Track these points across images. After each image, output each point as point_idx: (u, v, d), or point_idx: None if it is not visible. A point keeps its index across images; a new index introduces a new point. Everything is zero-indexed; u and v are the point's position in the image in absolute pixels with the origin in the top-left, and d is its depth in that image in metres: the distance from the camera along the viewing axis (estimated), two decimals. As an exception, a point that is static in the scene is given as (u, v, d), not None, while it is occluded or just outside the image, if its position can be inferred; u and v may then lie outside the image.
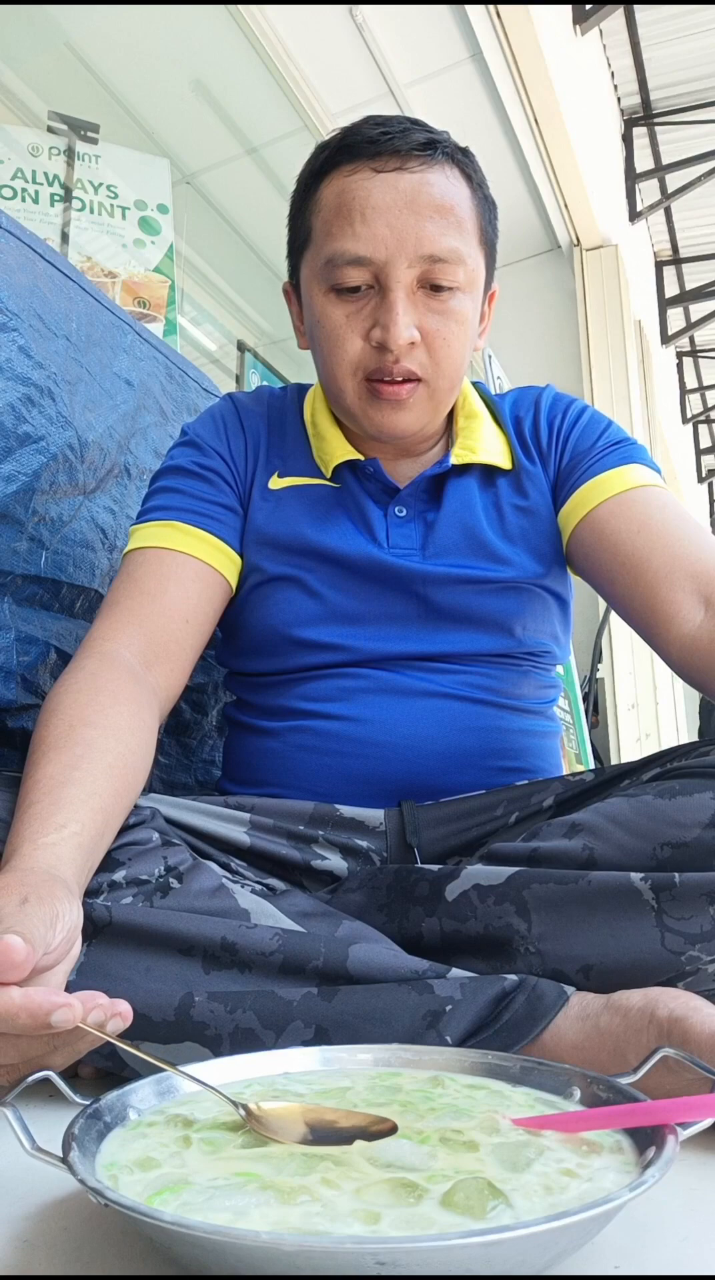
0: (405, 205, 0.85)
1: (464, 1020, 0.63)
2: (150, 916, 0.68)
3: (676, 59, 4.02)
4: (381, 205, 0.85)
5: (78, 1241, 0.46)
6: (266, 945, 0.67)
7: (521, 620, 0.94)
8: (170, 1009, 0.66)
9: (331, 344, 0.89)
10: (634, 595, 0.88)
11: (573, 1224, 0.36)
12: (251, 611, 0.95)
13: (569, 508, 0.94)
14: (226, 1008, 0.65)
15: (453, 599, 0.92)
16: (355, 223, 0.86)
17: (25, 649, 0.97)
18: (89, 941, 0.67)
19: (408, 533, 0.94)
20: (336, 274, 0.87)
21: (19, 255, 1.03)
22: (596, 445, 0.96)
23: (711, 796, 0.69)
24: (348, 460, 0.96)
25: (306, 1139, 0.47)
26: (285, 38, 2.97)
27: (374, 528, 0.94)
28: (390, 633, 0.92)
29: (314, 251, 0.90)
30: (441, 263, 0.86)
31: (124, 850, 0.72)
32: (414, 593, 0.93)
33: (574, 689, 2.69)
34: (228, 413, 1.01)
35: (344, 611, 0.93)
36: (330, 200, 0.88)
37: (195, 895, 0.71)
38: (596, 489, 0.93)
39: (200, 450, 0.97)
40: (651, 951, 0.66)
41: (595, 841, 0.71)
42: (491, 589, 0.93)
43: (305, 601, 0.93)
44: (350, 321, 0.88)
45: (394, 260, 0.85)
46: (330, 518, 0.95)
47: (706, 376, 7.08)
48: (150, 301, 2.03)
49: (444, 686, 0.91)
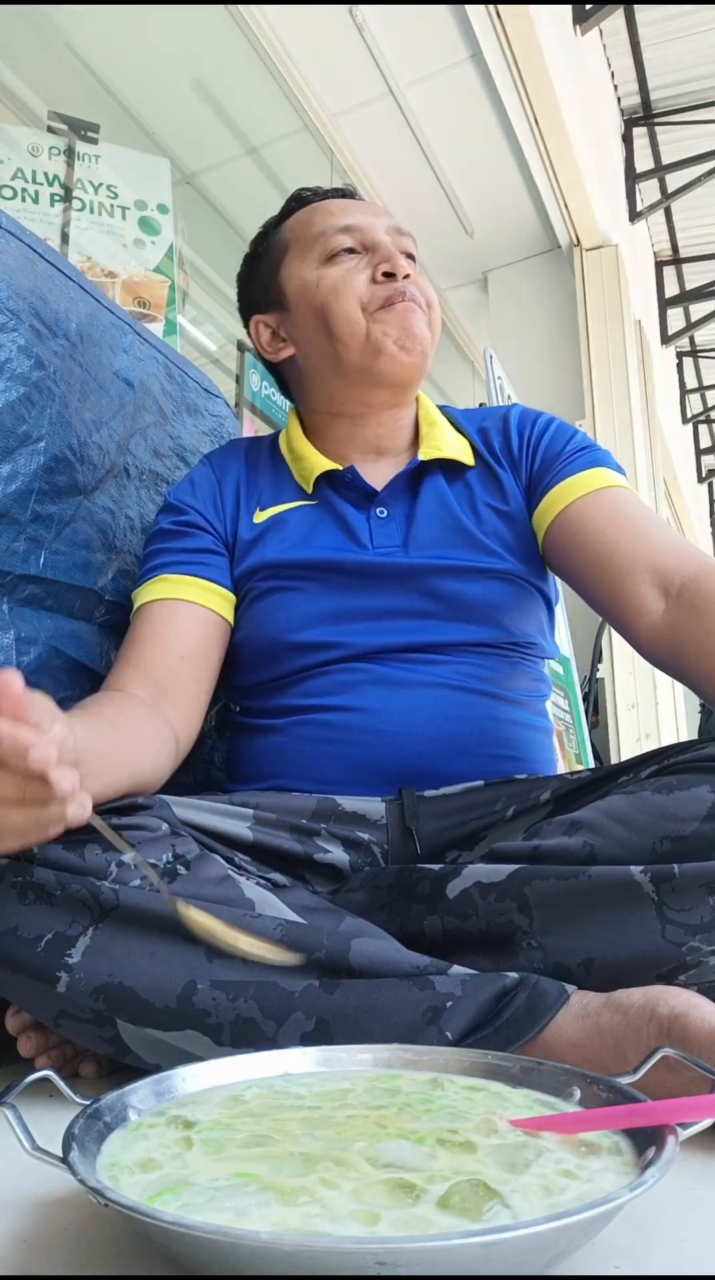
0: (365, 207, 1.05)
1: (465, 1017, 0.64)
2: (157, 901, 0.68)
3: (676, 59, 4.02)
4: (348, 206, 1.05)
5: (78, 1241, 0.46)
6: (270, 935, 0.68)
7: (507, 610, 0.97)
8: (173, 995, 0.66)
9: (336, 291, 0.99)
10: (602, 589, 0.93)
11: (572, 1224, 0.36)
12: (245, 625, 1.00)
13: (542, 509, 1.00)
14: (228, 996, 0.66)
15: (439, 589, 0.96)
16: (333, 211, 1.04)
17: (24, 649, 0.97)
18: (96, 924, 0.68)
19: (389, 531, 0.99)
20: (330, 242, 1.01)
21: (19, 255, 1.03)
22: (565, 451, 1.02)
23: (709, 790, 0.70)
24: (327, 471, 1.02)
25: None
26: (285, 38, 2.96)
27: (357, 532, 0.99)
28: (382, 627, 0.95)
29: (298, 248, 1.03)
30: (406, 237, 1.04)
31: (133, 834, 0.73)
32: (401, 586, 0.96)
33: (574, 689, 2.69)
34: (203, 473, 1.09)
35: (335, 611, 0.96)
36: (297, 218, 1.06)
37: (202, 883, 0.72)
38: (567, 490, 0.98)
39: (179, 511, 1.04)
40: (652, 944, 0.66)
41: (595, 838, 0.72)
42: (475, 576, 0.96)
43: (296, 606, 0.97)
44: (350, 273, 1.00)
45: (375, 226, 1.02)
46: (315, 531, 1.01)
47: (706, 376, 7.08)
48: (150, 301, 2.03)
49: (438, 677, 0.94)
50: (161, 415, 1.24)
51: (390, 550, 0.98)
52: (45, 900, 0.69)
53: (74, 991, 0.67)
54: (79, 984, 0.67)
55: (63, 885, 0.69)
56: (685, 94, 4.24)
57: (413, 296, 0.99)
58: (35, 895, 0.69)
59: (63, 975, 0.67)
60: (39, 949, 0.68)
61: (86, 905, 0.68)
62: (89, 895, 0.68)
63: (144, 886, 0.70)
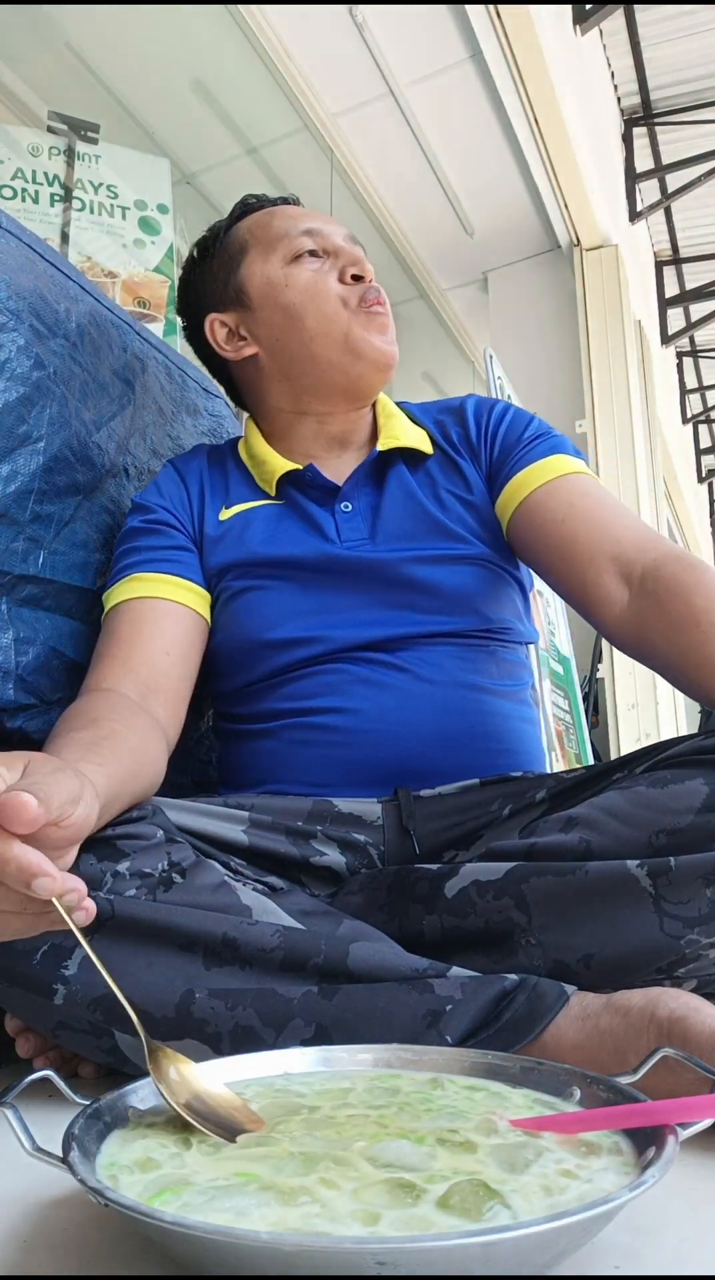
0: (315, 214, 1.07)
1: (464, 1019, 0.64)
2: (152, 911, 0.68)
3: (676, 59, 4.02)
4: (299, 212, 1.07)
5: (78, 1241, 0.46)
6: (267, 942, 0.67)
7: (481, 596, 0.98)
8: (171, 1005, 0.66)
9: (313, 292, 1.01)
10: (567, 580, 0.94)
11: (572, 1224, 0.36)
12: (222, 628, 0.99)
13: (503, 499, 1.00)
14: (227, 1005, 0.65)
15: (410, 579, 0.96)
16: (292, 216, 1.06)
17: (23, 649, 0.97)
18: (91, 935, 0.67)
19: (356, 524, 1.00)
20: (294, 243, 1.03)
21: (19, 255, 1.03)
22: (524, 437, 1.03)
23: (702, 782, 0.70)
24: (288, 472, 1.03)
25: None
26: (285, 38, 2.96)
27: (324, 527, 1.00)
28: (359, 619, 0.95)
29: (260, 248, 1.05)
30: (359, 247, 1.06)
31: (128, 842, 0.72)
32: (373, 579, 0.96)
33: (574, 689, 2.69)
34: (168, 475, 1.09)
35: (310, 607, 0.96)
36: (254, 220, 1.07)
37: (198, 891, 0.72)
38: (527, 479, 0.98)
39: (147, 510, 1.04)
40: (651, 938, 0.66)
41: (591, 834, 0.72)
42: (445, 562, 0.97)
43: (271, 604, 0.97)
44: (319, 274, 1.02)
45: (334, 233, 1.05)
46: (281, 528, 1.01)
47: (706, 376, 7.08)
48: (150, 301, 2.03)
49: (424, 674, 0.94)
50: (161, 415, 1.24)
51: (358, 543, 0.98)
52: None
53: (71, 1003, 0.66)
54: (76, 996, 0.66)
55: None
56: (685, 94, 4.24)
57: (384, 299, 1.03)
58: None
59: (60, 988, 0.67)
60: (35, 961, 0.67)
61: None
62: None
63: (139, 896, 0.70)
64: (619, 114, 4.38)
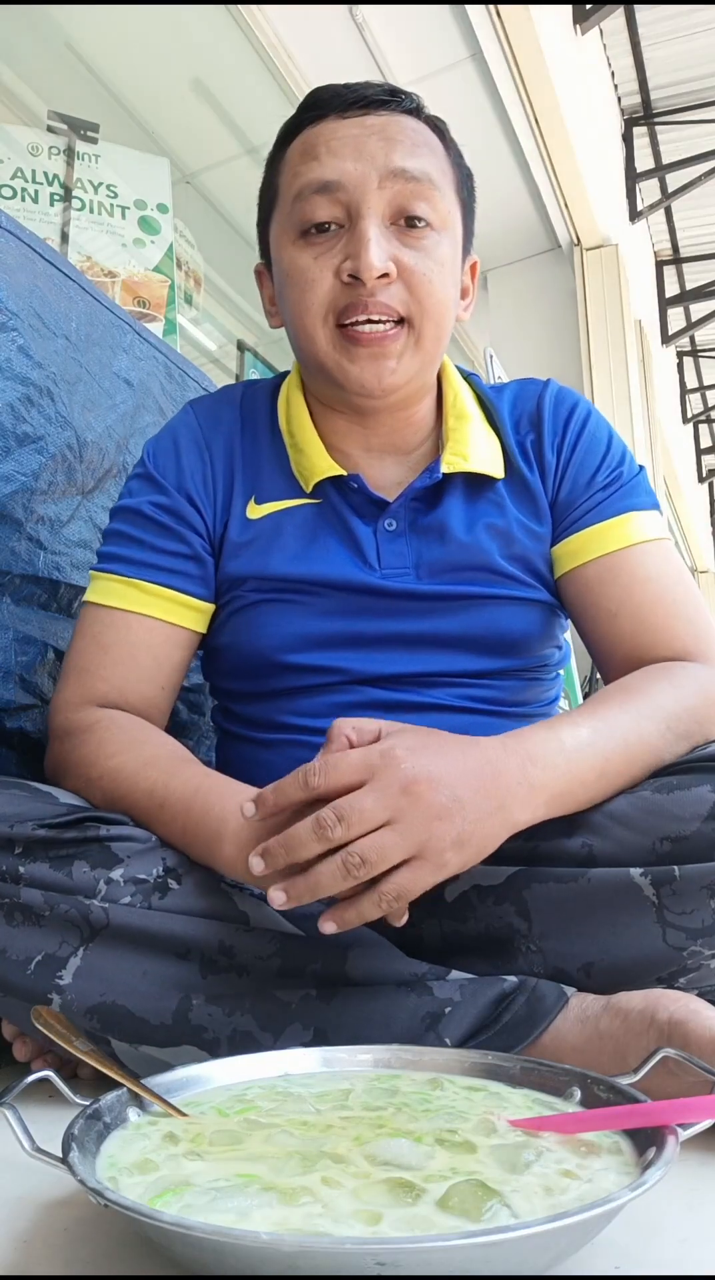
0: (374, 134, 0.82)
1: (464, 1022, 0.63)
2: (148, 919, 0.67)
3: (676, 59, 4.02)
4: (348, 136, 0.82)
5: (78, 1241, 0.46)
6: (264, 949, 0.67)
7: (528, 638, 0.90)
8: (168, 1012, 0.65)
9: (300, 288, 0.82)
10: (597, 654, 0.90)
11: (573, 1224, 0.36)
12: (233, 634, 0.90)
13: (561, 551, 0.90)
14: (224, 1010, 0.65)
15: (452, 619, 0.87)
16: (321, 155, 0.82)
17: (23, 649, 0.97)
18: (86, 944, 0.67)
19: (399, 550, 0.88)
20: (304, 209, 0.82)
21: (19, 255, 1.03)
22: (596, 480, 0.90)
23: (709, 790, 0.68)
24: (330, 476, 0.89)
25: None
26: (285, 38, 2.96)
27: (363, 548, 0.88)
28: (386, 656, 0.87)
29: (282, 204, 0.86)
30: (415, 182, 0.81)
31: (122, 845, 0.71)
32: (410, 615, 0.87)
33: (574, 689, 2.69)
34: (189, 435, 0.93)
35: (334, 636, 0.87)
36: (296, 150, 0.85)
37: (194, 897, 0.70)
38: (589, 542, 0.88)
39: (161, 489, 0.90)
40: (653, 948, 0.66)
41: (594, 838, 0.71)
42: (498, 604, 0.88)
43: (292, 626, 0.87)
44: (319, 261, 0.82)
45: (364, 183, 0.80)
46: (316, 542, 0.88)
47: (706, 376, 7.08)
48: (150, 301, 2.03)
49: (440, 698, 0.87)
50: (161, 415, 1.24)
51: (400, 573, 0.87)
52: (33, 921, 0.67)
53: (67, 1013, 0.66)
54: (72, 1005, 0.66)
55: (51, 905, 0.67)
56: (685, 94, 4.24)
57: (383, 309, 0.81)
58: (23, 916, 0.67)
59: (55, 997, 0.66)
60: (29, 971, 0.66)
61: (76, 925, 0.67)
62: (78, 915, 0.67)
63: (135, 903, 0.68)
64: (619, 113, 4.38)
